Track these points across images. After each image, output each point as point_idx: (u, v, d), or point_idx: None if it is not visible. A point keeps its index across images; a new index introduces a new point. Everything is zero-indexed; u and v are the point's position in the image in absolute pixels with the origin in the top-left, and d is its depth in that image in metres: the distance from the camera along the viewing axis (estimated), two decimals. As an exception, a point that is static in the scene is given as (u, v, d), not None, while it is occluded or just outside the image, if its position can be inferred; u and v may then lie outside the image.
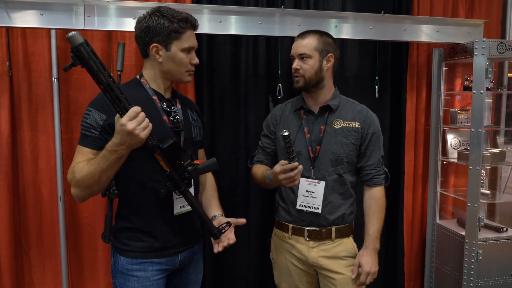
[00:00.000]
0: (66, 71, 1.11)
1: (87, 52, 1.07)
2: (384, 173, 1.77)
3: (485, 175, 2.53)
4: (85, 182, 1.26)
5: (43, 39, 2.07)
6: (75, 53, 1.07)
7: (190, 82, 1.49)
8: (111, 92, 1.12)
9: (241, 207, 2.35)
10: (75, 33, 1.06)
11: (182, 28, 1.37)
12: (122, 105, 1.14)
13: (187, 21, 1.38)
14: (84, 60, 1.08)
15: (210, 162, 1.41)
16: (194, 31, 1.43)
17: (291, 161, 1.49)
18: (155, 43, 1.36)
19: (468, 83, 2.48)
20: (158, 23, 1.35)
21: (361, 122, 1.73)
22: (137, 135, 1.15)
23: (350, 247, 1.75)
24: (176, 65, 1.40)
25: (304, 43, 1.69)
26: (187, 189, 1.36)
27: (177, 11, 1.38)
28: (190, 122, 1.52)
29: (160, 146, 1.24)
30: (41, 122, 2.10)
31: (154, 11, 1.37)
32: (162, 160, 1.27)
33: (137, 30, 1.39)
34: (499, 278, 2.31)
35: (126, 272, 1.39)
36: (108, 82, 1.11)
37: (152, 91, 1.42)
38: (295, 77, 1.72)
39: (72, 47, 1.06)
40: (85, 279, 2.23)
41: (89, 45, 1.08)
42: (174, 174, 1.30)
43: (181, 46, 1.38)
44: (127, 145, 1.17)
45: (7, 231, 2.05)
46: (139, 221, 1.39)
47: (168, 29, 1.35)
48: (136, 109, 1.15)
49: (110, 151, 1.19)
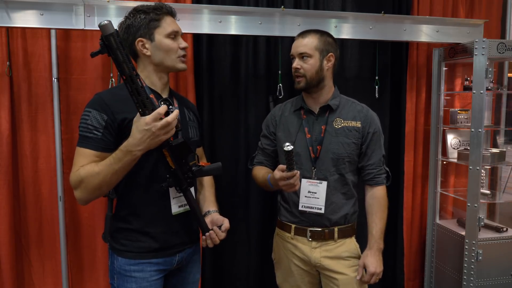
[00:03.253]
0: (93, 57, 1.14)
1: (116, 43, 1.10)
2: (386, 172, 1.77)
3: (485, 175, 2.53)
4: (94, 184, 1.25)
5: (43, 39, 2.07)
6: (104, 42, 1.11)
7: (185, 69, 1.48)
8: (132, 85, 1.14)
9: (241, 207, 2.35)
10: (107, 22, 1.09)
11: (158, 15, 1.39)
12: (140, 99, 1.15)
13: (161, 8, 1.41)
14: (112, 50, 1.11)
15: (215, 166, 1.43)
16: (173, 17, 1.45)
17: (290, 170, 1.47)
18: (139, 38, 1.38)
19: (468, 83, 2.48)
20: (135, 18, 1.38)
21: (362, 121, 1.72)
22: (158, 135, 1.17)
23: (353, 248, 1.74)
24: (165, 52, 1.40)
25: (304, 42, 1.68)
26: (188, 188, 1.37)
27: (151, 4, 1.42)
28: (187, 122, 1.51)
29: (170, 143, 1.25)
30: (41, 122, 2.10)
31: (130, 12, 1.42)
32: (169, 156, 1.29)
33: (121, 33, 1.41)
34: (499, 278, 2.31)
35: (124, 273, 1.38)
36: (131, 74, 1.13)
37: (148, 89, 1.42)
38: (296, 77, 1.70)
39: (103, 35, 1.10)
40: (85, 279, 2.23)
41: (119, 36, 1.12)
42: (178, 171, 1.32)
43: (164, 32, 1.40)
44: (145, 146, 1.18)
45: (7, 231, 2.05)
46: (137, 222, 1.39)
47: (146, 19, 1.38)
48: (163, 108, 1.17)
49: (125, 152, 1.19)
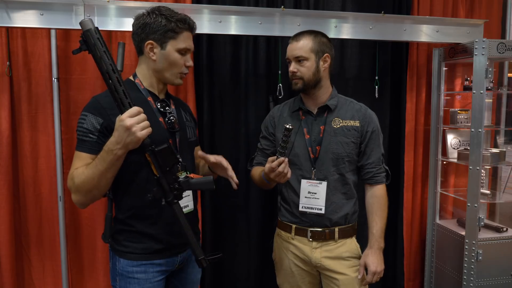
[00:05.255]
0: (74, 54, 1.15)
1: (93, 39, 1.09)
2: (385, 171, 1.76)
3: (485, 175, 2.53)
4: (85, 187, 1.25)
5: (43, 39, 2.07)
6: (83, 38, 1.10)
7: (180, 85, 1.47)
8: (110, 82, 1.13)
9: (241, 207, 2.35)
10: (86, 19, 1.10)
11: (179, 28, 1.37)
12: (118, 97, 1.14)
13: (185, 22, 1.38)
14: (89, 46, 1.10)
15: (205, 179, 1.32)
16: (191, 33, 1.42)
17: (280, 156, 1.45)
18: (150, 40, 1.36)
19: (468, 83, 2.48)
20: (156, 21, 1.35)
21: (360, 120, 1.72)
22: (134, 132, 1.14)
23: (353, 248, 1.74)
24: (170, 65, 1.39)
25: (299, 45, 1.66)
26: (176, 202, 1.28)
27: (176, 12, 1.38)
28: (184, 122, 1.51)
29: (152, 147, 1.20)
30: (41, 122, 2.10)
31: (153, 9, 1.38)
32: (152, 162, 1.23)
33: (134, 26, 1.39)
34: (499, 278, 2.31)
35: (127, 274, 1.37)
36: (108, 70, 1.12)
37: (146, 91, 1.41)
38: (293, 79, 1.70)
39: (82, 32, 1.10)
40: (85, 279, 2.23)
41: (98, 32, 1.11)
42: (163, 180, 1.25)
43: (176, 46, 1.38)
44: (123, 143, 1.16)
45: (7, 231, 2.05)
46: (139, 225, 1.38)
47: (165, 27, 1.35)
48: (139, 108, 1.16)
49: (107, 151, 1.19)
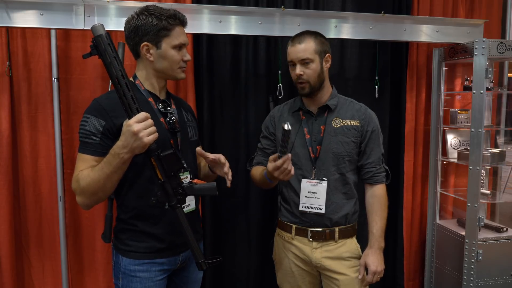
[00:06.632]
0: (84, 59, 1.16)
1: (104, 44, 1.12)
2: (385, 171, 1.77)
3: (485, 175, 2.53)
4: (90, 189, 1.25)
5: (43, 39, 2.07)
6: (94, 43, 1.12)
7: (184, 78, 1.48)
8: (119, 87, 1.14)
9: (241, 207, 2.35)
10: (98, 24, 1.12)
11: (170, 25, 1.37)
12: (127, 102, 1.15)
13: (175, 17, 1.38)
14: (99, 51, 1.12)
15: (208, 186, 1.32)
16: (183, 27, 1.43)
17: (282, 155, 1.45)
18: (145, 42, 1.36)
19: (468, 83, 2.48)
20: (147, 21, 1.35)
21: (360, 120, 1.72)
22: (141, 138, 1.14)
23: (353, 248, 1.74)
24: (168, 62, 1.39)
25: (303, 47, 1.65)
26: (179, 206, 1.28)
27: (164, 9, 1.39)
28: (186, 122, 1.51)
29: (158, 153, 1.21)
30: (41, 122, 2.10)
31: (142, 10, 1.38)
32: (157, 167, 1.23)
33: (127, 30, 1.39)
34: (499, 278, 2.31)
35: (129, 273, 1.38)
36: (117, 76, 1.13)
37: (147, 92, 1.42)
38: (300, 83, 1.67)
39: (93, 37, 1.12)
40: (85, 279, 2.23)
41: (109, 38, 1.13)
42: (167, 185, 1.25)
43: (171, 43, 1.38)
44: (130, 148, 1.17)
45: (7, 231, 2.05)
46: (141, 224, 1.39)
47: (157, 26, 1.35)
48: (146, 113, 1.16)
49: (113, 155, 1.19)
